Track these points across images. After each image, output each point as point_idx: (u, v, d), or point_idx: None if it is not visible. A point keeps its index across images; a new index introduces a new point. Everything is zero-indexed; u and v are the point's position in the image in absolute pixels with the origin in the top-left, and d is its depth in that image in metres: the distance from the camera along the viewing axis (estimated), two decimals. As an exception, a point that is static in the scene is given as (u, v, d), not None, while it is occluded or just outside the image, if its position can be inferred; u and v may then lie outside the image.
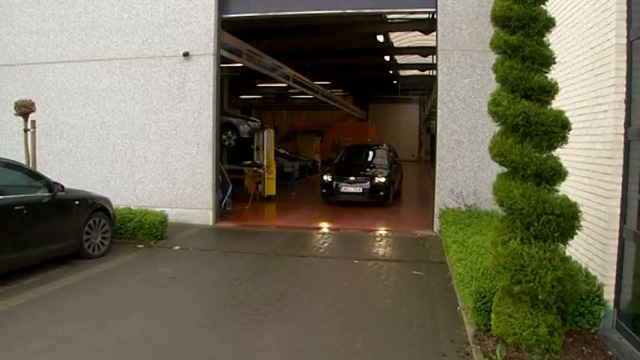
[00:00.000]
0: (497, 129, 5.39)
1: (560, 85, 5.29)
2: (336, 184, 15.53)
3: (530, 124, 4.95)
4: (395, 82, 34.53)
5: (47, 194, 8.24)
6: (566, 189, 5.68)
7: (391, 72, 30.65)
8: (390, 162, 17.22)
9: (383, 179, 15.58)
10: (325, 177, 16.06)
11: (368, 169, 16.31)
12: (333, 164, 17.66)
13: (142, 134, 12.50)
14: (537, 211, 4.85)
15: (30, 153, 9.83)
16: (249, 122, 16.91)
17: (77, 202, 8.79)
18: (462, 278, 6.42)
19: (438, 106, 11.31)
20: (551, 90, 5.12)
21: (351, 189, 15.40)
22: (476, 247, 7.12)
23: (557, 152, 5.20)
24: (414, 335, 5.81)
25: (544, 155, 5.04)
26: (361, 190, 15.32)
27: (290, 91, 29.21)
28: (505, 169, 5.30)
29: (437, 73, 11.53)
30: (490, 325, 5.42)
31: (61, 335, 5.68)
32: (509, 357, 4.96)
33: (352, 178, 15.55)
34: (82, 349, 5.36)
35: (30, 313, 6.43)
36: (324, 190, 15.87)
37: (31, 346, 5.41)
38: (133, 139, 12.56)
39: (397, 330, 5.96)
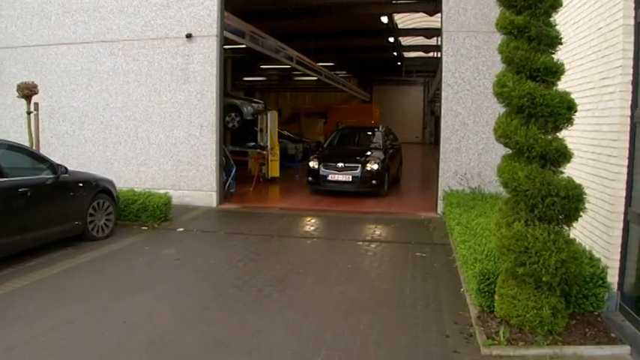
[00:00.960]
0: (502, 110, 5.34)
1: (566, 67, 5.22)
2: (323, 172, 14.08)
3: (535, 105, 4.91)
4: (399, 63, 34.37)
5: (51, 176, 8.24)
6: (571, 171, 5.64)
7: (395, 54, 30.50)
8: (386, 146, 15.65)
9: (376, 166, 13.99)
10: (311, 163, 14.53)
11: (360, 155, 14.63)
12: (321, 149, 16.36)
13: (145, 116, 12.47)
14: (542, 192, 4.83)
15: (33, 135, 9.82)
16: (253, 104, 16.86)
17: (81, 184, 8.80)
18: (465, 260, 6.42)
19: (443, 88, 11.25)
20: (557, 71, 5.06)
21: (340, 177, 13.90)
22: (480, 229, 7.11)
23: (563, 134, 5.15)
24: (418, 316, 5.82)
25: (549, 137, 5.00)
26: (350, 179, 13.82)
27: (293, 72, 29.08)
28: (510, 151, 5.26)
29: (441, 54, 11.45)
30: (493, 306, 5.43)
31: (64, 316, 5.71)
32: (513, 338, 4.97)
33: (340, 165, 13.98)
34: (85, 330, 5.39)
35: (34, 294, 6.45)
36: (309, 178, 14.46)
37: (35, 327, 5.43)
38: (136, 121, 12.53)
39: (401, 311, 5.97)
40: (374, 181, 13.84)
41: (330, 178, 13.97)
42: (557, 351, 4.78)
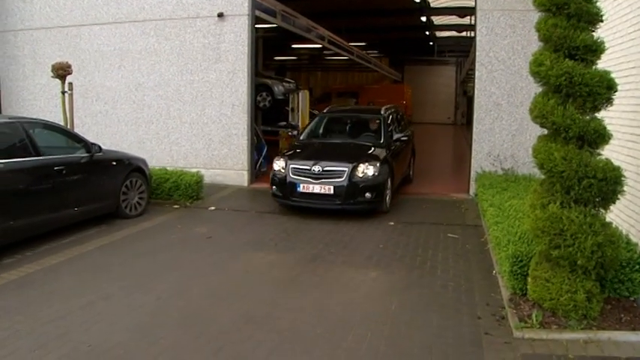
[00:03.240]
0: (538, 90, 5.23)
1: (606, 45, 5.07)
2: (292, 179, 9.47)
3: (573, 84, 4.78)
4: (431, 43, 33.89)
5: (85, 155, 8.35)
6: (609, 153, 5.50)
7: (427, 33, 30.05)
8: (389, 138, 10.73)
9: (372, 169, 9.36)
10: (277, 163, 9.85)
11: (349, 152, 10.00)
12: (296, 142, 11.34)
13: (177, 95, 12.53)
14: (579, 174, 4.73)
15: (68, 115, 9.95)
16: (284, 83, 16.81)
17: (114, 163, 8.91)
18: (498, 242, 6.34)
19: (476, 68, 11.05)
20: (597, 49, 4.92)
21: (316, 188, 9.26)
22: (513, 210, 7.01)
23: (601, 115, 5.02)
24: (449, 298, 5.79)
25: (587, 117, 4.88)
26: (332, 191, 9.21)
27: (325, 52, 28.90)
28: (546, 132, 5.16)
29: (475, 34, 11.23)
30: (526, 289, 5.36)
31: (100, 292, 5.82)
32: (546, 322, 4.91)
33: (316, 169, 9.31)
34: (121, 306, 5.48)
35: (70, 270, 6.59)
36: (273, 187, 9.82)
37: (71, 302, 5.55)
38: (168, 101, 12.61)
39: (432, 292, 5.95)
40: (368, 194, 9.24)
41: (302, 188, 9.34)
42: (591, 336, 4.71)
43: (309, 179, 9.35)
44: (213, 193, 11.12)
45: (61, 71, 9.97)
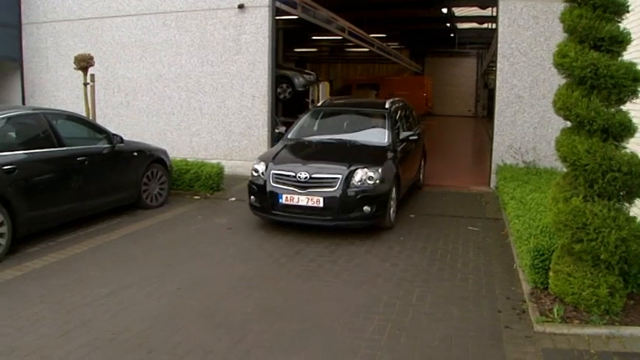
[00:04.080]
0: (561, 82, 5.16)
1: (632, 36, 4.99)
2: (272, 187, 7.85)
3: (598, 76, 4.71)
4: (452, 35, 33.59)
5: (107, 146, 8.43)
6: (635, 147, 5.42)
7: (448, 25, 29.78)
8: (395, 137, 8.97)
9: (372, 175, 7.69)
10: (256, 167, 8.28)
11: (345, 155, 8.34)
12: (281, 143, 9.32)
13: (197, 87, 12.59)
14: (603, 167, 4.67)
15: (90, 106, 10.05)
16: (304, 75, 16.80)
17: (135, 154, 8.98)
18: (519, 235, 6.29)
19: (498, 60, 10.95)
20: (623, 40, 4.84)
21: (302, 199, 7.61)
22: (534, 204, 6.95)
23: (627, 107, 4.95)
24: (470, 290, 5.76)
25: (612, 110, 4.81)
26: (321, 203, 7.55)
27: (345, 44, 28.79)
28: (569, 124, 5.09)
29: (497, 25, 11.12)
30: (547, 283, 5.32)
31: (122, 281, 5.88)
32: (567, 316, 4.87)
33: (303, 176, 7.65)
34: (142, 295, 5.54)
35: (93, 259, 6.67)
36: (251, 197, 8.21)
37: (94, 290, 5.62)
38: (188, 92, 12.67)
39: (452, 284, 5.93)
40: (367, 208, 7.56)
41: (284, 200, 7.71)
42: (613, 331, 4.66)
43: (293, 188, 7.66)
44: (234, 185, 11.16)
45: (84, 63, 10.07)
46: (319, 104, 10.79)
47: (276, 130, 9.81)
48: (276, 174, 7.88)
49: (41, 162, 7.23)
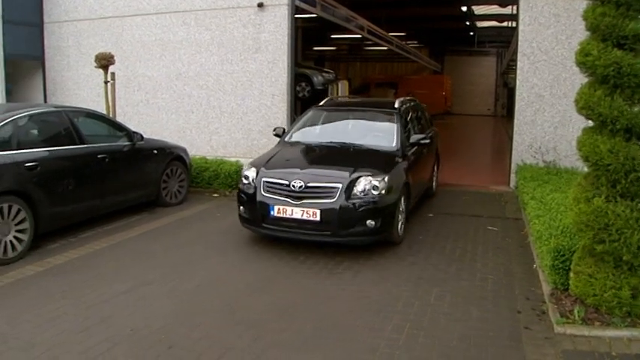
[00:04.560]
0: (583, 81, 5.10)
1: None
2: (263, 198, 7.00)
3: (622, 75, 4.65)
4: (471, 33, 33.39)
5: (127, 143, 8.50)
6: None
7: (468, 23, 29.61)
8: (404, 141, 8.11)
9: (377, 185, 6.81)
10: (246, 173, 7.44)
11: (346, 161, 7.57)
12: (277, 146, 8.61)
13: (217, 85, 12.62)
14: (626, 167, 4.61)
15: (110, 104, 10.14)
16: (323, 74, 16.78)
17: (155, 151, 9.04)
18: (539, 235, 6.23)
19: (518, 58, 10.84)
20: (647, 39, 4.78)
21: (296, 212, 6.76)
22: (555, 204, 6.87)
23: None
24: (489, 290, 5.73)
25: (636, 109, 4.74)
26: (318, 217, 6.69)
27: (364, 42, 28.73)
28: (591, 123, 5.04)
29: (517, 23, 11.02)
30: (568, 284, 5.26)
31: (142, 278, 5.93)
32: (588, 318, 4.82)
33: (298, 185, 6.79)
34: (161, 292, 5.59)
35: (113, 256, 6.74)
36: (240, 208, 7.37)
37: (114, 287, 5.68)
38: (208, 90, 12.71)
39: (471, 285, 5.90)
40: (371, 221, 6.70)
41: (276, 212, 6.86)
42: (635, 334, 4.60)
43: (286, 199, 6.80)
44: (252, 183, 11.17)
45: (104, 61, 10.16)
46: (321, 103, 9.66)
47: (273, 132, 9.04)
48: (267, 182, 7.01)
49: (62, 159, 7.30)
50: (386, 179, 6.88)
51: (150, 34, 13.06)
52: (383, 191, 6.81)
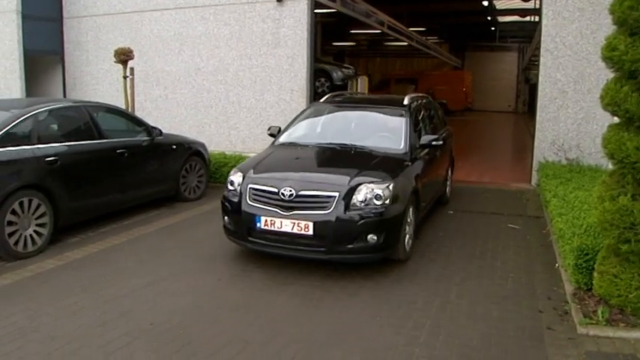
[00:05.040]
0: (609, 78, 4.99)
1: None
2: (248, 208, 6.14)
3: (650, 70, 4.54)
4: (493, 29, 33.09)
5: (146, 138, 8.52)
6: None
7: (489, 18, 29.35)
8: (414, 142, 7.21)
9: (380, 194, 5.92)
10: (231, 178, 6.56)
11: (346, 166, 6.68)
12: (270, 148, 7.70)
13: (236, 80, 12.62)
14: (653, 165, 4.50)
15: (129, 99, 10.18)
16: (343, 69, 16.72)
17: (174, 147, 9.05)
18: (562, 234, 6.12)
19: (541, 54, 10.68)
20: (676, 33, 4.65)
21: (285, 224, 5.89)
22: (578, 202, 6.76)
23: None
24: (509, 289, 5.64)
25: (665, 106, 4.63)
26: (310, 230, 5.82)
27: (384, 38, 28.58)
28: (617, 120, 4.92)
29: (540, 18, 10.85)
30: (591, 284, 5.16)
31: (161, 272, 5.94)
32: (612, 319, 4.72)
33: (288, 193, 5.92)
34: (181, 287, 5.58)
35: (132, 250, 6.76)
36: (225, 218, 6.55)
37: (133, 281, 5.69)
38: (227, 85, 12.71)
39: (492, 283, 5.81)
40: (372, 236, 5.85)
41: (263, 224, 6.00)
42: (661, 335, 4.50)
43: (274, 209, 5.92)
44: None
45: (123, 56, 10.20)
46: (323, 100, 8.67)
47: (268, 132, 8.26)
48: (253, 189, 6.15)
49: (82, 154, 7.33)
50: (391, 187, 5.99)
51: (169, 29, 13.09)
52: (387, 201, 5.92)
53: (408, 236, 6.41)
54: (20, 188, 6.33)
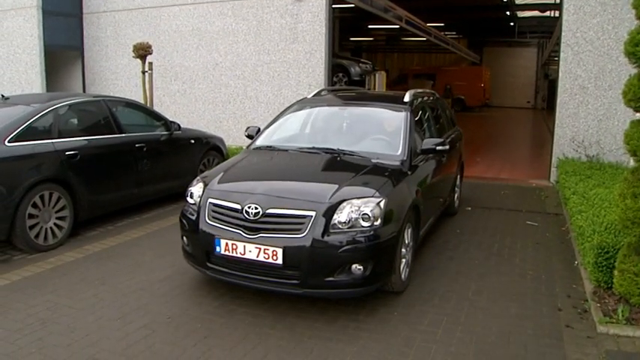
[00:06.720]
0: (631, 73, 4.92)
1: None
2: (207, 228, 4.99)
3: (673, 66, 4.48)
4: (512, 24, 32.80)
5: (165, 133, 8.55)
6: None
7: (508, 13, 29.09)
8: (414, 147, 5.99)
9: (368, 216, 4.68)
10: (191, 191, 5.44)
11: (327, 177, 5.59)
12: (243, 152, 6.64)
13: (254, 75, 12.64)
14: (676, 163, 4.44)
15: (147, 94, 10.24)
16: (361, 64, 16.67)
17: (192, 141, 9.08)
18: (582, 231, 6.06)
19: (561, 49, 10.56)
20: (701, 28, 4.58)
21: (249, 249, 4.71)
22: (598, 199, 6.68)
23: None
24: (528, 287, 5.59)
25: (688, 102, 4.56)
26: (279, 259, 4.60)
27: (402, 33, 28.46)
28: (639, 116, 4.86)
29: (561, 12, 10.73)
30: (612, 282, 5.09)
31: (178, 266, 5.94)
32: (633, 318, 4.66)
33: (253, 211, 4.74)
34: (198, 281, 5.60)
35: (150, 244, 6.80)
36: (184, 239, 5.37)
37: (151, 275, 5.73)
38: (245, 80, 12.74)
39: (510, 280, 5.77)
40: (357, 267, 4.65)
41: (223, 249, 4.85)
42: (683, 334, 4.44)
43: (237, 230, 4.82)
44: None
45: (142, 51, 10.26)
46: (311, 95, 7.50)
47: (245, 133, 7.28)
48: (213, 204, 5.08)
49: (101, 148, 7.38)
50: (382, 204, 4.81)
51: (187, 24, 13.15)
52: (377, 221, 4.73)
53: (404, 263, 5.30)
54: (41, 182, 6.38)
